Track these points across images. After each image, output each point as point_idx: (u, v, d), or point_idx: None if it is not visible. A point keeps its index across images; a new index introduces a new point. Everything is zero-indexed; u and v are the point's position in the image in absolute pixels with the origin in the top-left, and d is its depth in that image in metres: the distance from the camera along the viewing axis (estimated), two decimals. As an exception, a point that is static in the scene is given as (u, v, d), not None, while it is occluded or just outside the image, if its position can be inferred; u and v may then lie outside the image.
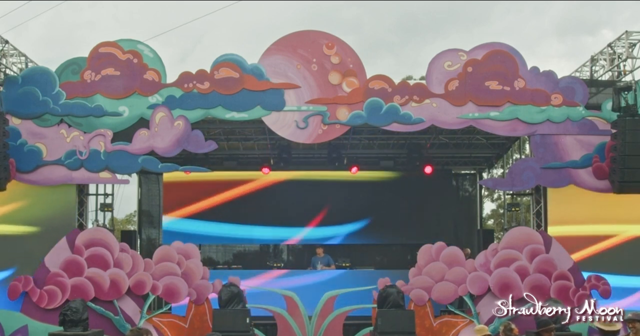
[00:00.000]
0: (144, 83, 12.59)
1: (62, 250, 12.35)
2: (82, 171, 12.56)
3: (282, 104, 12.61)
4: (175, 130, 12.56)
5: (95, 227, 13.99)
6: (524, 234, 12.74)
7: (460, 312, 12.80)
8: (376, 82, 12.69)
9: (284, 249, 18.24)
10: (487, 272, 12.48)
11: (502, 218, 20.94)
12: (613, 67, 13.43)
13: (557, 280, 12.29)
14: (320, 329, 12.83)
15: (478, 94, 12.64)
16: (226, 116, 12.67)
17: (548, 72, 12.73)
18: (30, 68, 13.23)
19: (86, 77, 12.55)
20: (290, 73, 12.65)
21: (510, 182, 13.11)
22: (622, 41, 13.15)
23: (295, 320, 12.88)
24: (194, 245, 12.92)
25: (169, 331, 12.45)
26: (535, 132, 12.75)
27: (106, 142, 12.53)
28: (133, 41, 12.69)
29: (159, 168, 12.94)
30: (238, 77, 12.57)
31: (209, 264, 14.40)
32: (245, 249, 18.09)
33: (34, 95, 12.45)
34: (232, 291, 12.41)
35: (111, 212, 15.38)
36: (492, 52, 12.69)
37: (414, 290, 12.54)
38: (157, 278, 12.38)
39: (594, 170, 12.64)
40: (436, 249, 12.70)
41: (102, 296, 12.23)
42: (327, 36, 12.78)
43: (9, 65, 13.33)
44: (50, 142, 12.51)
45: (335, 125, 12.72)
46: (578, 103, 12.67)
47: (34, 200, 12.58)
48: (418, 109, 12.64)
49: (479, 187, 18.27)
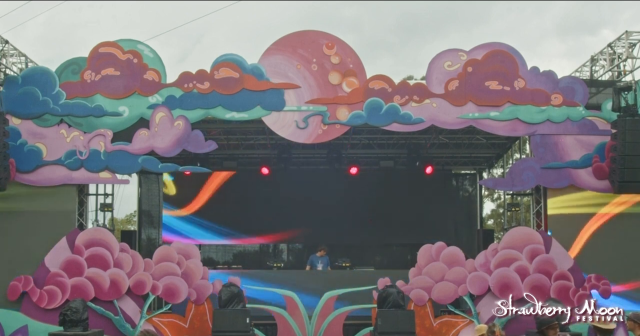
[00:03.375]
0: (144, 83, 12.59)
1: (62, 250, 12.34)
2: (82, 171, 12.57)
3: (282, 104, 12.61)
4: (175, 130, 12.56)
5: (95, 227, 14.00)
6: (524, 234, 12.74)
7: (460, 312, 12.80)
8: (376, 82, 12.69)
9: (284, 249, 18.26)
10: (487, 272, 12.48)
11: (502, 218, 20.94)
12: (613, 67, 13.43)
13: (557, 280, 12.29)
14: (320, 329, 12.83)
15: (478, 94, 12.64)
16: (226, 116, 12.67)
17: (548, 72, 12.74)
18: (30, 68, 13.23)
19: (86, 77, 12.56)
20: (290, 73, 12.65)
21: (510, 182, 13.11)
22: (622, 41, 13.15)
23: (295, 320, 12.88)
24: (194, 245, 12.94)
25: (169, 331, 12.44)
26: (535, 132, 12.75)
27: (106, 142, 12.53)
28: (133, 41, 12.70)
29: (159, 168, 12.94)
30: (238, 77, 12.57)
31: (209, 264, 14.40)
32: (245, 249, 18.11)
33: (34, 95, 12.45)
34: (232, 291, 12.40)
35: (111, 212, 15.40)
36: (492, 52, 12.69)
37: (414, 290, 12.54)
38: (157, 278, 12.38)
39: (594, 170, 12.64)
40: (436, 249, 12.69)
41: (102, 296, 12.22)
42: (327, 36, 12.79)
43: (9, 65, 13.33)
44: (50, 142, 12.51)
45: (335, 125, 12.72)
46: (578, 103, 12.67)
47: (34, 200, 12.57)
48: (418, 109, 12.65)
49: (479, 187, 18.28)
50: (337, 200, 16.89)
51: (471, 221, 18.07)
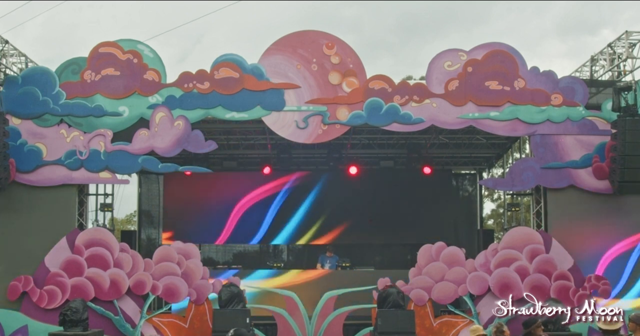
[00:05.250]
0: (144, 83, 12.59)
1: (62, 250, 12.34)
2: (82, 171, 12.57)
3: (282, 104, 12.61)
4: (175, 130, 12.56)
5: (95, 227, 13.99)
6: (524, 234, 12.74)
7: (460, 312, 12.80)
8: (376, 82, 12.69)
9: (284, 249, 18.26)
10: (487, 272, 12.48)
11: (502, 218, 20.94)
12: (613, 67, 13.42)
13: (557, 280, 12.29)
14: (320, 329, 12.82)
15: (478, 94, 12.64)
16: (226, 116, 12.68)
17: (548, 72, 12.74)
18: (30, 68, 13.23)
19: (86, 77, 12.56)
20: (290, 73, 12.65)
21: (510, 182, 13.12)
22: (622, 41, 13.14)
23: (295, 320, 12.87)
24: (194, 245, 12.92)
25: (169, 331, 12.44)
26: (535, 132, 12.75)
27: (106, 142, 12.53)
28: (133, 41, 12.70)
29: (159, 168, 12.93)
30: (238, 77, 12.57)
31: (209, 264, 14.39)
32: (245, 249, 18.10)
33: (34, 95, 12.45)
34: (232, 291, 12.40)
35: (111, 212, 15.39)
36: (492, 52, 12.69)
37: (414, 290, 12.54)
38: (157, 278, 12.38)
39: (594, 170, 12.64)
40: (436, 249, 12.69)
41: (102, 296, 12.22)
42: (327, 36, 12.78)
43: (9, 65, 13.33)
44: (50, 142, 12.51)
45: (335, 125, 12.72)
46: (578, 103, 12.67)
47: (34, 200, 12.56)
48: (418, 109, 12.65)
49: (479, 187, 18.28)
50: (337, 200, 16.89)
51: (471, 221, 18.07)
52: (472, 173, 18.48)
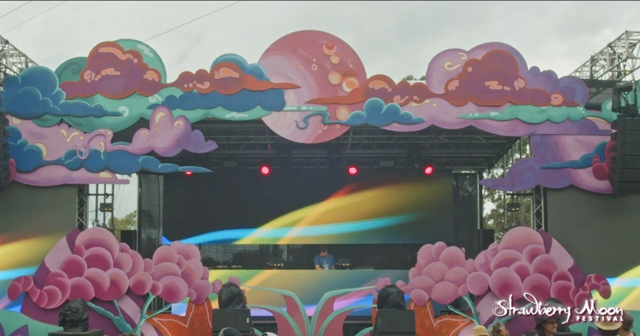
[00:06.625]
0: (144, 83, 12.59)
1: (62, 250, 12.35)
2: (82, 171, 12.58)
3: (282, 104, 12.61)
4: (175, 130, 12.57)
5: (95, 227, 13.99)
6: (524, 234, 12.74)
7: (460, 312, 12.80)
8: (376, 82, 12.69)
9: (284, 249, 18.25)
10: (487, 272, 12.48)
11: (502, 218, 20.94)
12: (613, 67, 13.42)
13: (557, 280, 12.29)
14: (320, 329, 12.83)
15: (478, 94, 12.64)
16: (226, 116, 12.68)
17: (548, 72, 12.74)
18: (30, 68, 13.23)
19: (86, 77, 12.56)
20: (290, 73, 12.65)
21: (510, 182, 13.12)
22: (622, 41, 13.14)
23: (295, 320, 12.88)
24: (194, 245, 12.93)
25: (169, 331, 12.44)
26: (535, 132, 12.76)
27: (106, 142, 12.53)
28: (133, 41, 12.70)
29: (159, 168, 12.93)
30: (238, 77, 12.57)
31: (209, 264, 14.39)
32: (245, 249, 18.09)
33: (34, 95, 12.46)
34: (232, 291, 12.41)
35: (111, 212, 15.40)
36: (492, 52, 12.69)
37: (414, 290, 12.54)
38: (157, 278, 12.38)
39: (594, 170, 12.64)
40: (436, 249, 12.69)
41: (102, 296, 12.22)
42: (327, 36, 12.79)
43: (9, 65, 13.33)
44: (50, 142, 12.52)
45: (335, 125, 12.72)
46: (578, 103, 12.67)
47: (34, 200, 12.56)
48: (418, 109, 12.65)
49: (479, 187, 18.27)
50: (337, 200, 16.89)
51: (471, 221, 18.06)
52: (472, 173, 18.47)
